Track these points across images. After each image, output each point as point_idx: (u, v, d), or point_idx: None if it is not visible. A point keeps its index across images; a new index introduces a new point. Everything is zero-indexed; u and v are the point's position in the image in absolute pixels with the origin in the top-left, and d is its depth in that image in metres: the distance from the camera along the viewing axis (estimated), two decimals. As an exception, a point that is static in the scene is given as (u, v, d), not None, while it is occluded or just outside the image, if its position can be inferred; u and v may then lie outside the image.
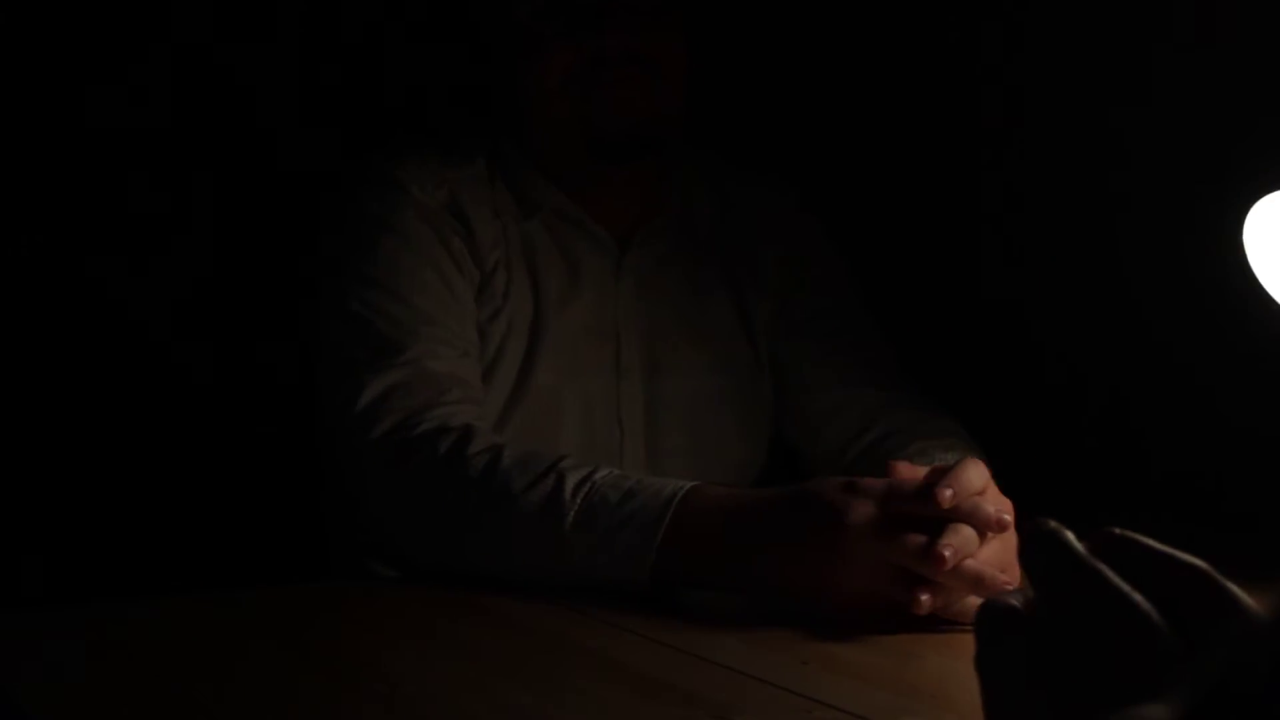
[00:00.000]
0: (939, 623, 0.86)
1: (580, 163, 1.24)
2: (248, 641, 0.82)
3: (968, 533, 0.85)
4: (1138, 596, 0.42)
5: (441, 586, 0.99)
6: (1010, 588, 0.84)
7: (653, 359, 1.27)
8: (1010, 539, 0.88)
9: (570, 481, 0.94)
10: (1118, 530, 0.45)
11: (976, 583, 0.84)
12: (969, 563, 0.84)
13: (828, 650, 0.81)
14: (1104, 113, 1.34)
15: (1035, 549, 0.46)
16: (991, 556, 0.86)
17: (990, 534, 0.87)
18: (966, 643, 0.85)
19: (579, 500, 0.92)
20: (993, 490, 0.89)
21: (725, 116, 1.65)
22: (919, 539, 0.84)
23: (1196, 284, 1.21)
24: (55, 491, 1.50)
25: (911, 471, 0.91)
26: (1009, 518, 0.87)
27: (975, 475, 0.88)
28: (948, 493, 0.85)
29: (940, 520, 0.85)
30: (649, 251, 1.29)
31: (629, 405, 1.25)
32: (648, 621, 0.85)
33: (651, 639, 0.82)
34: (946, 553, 0.83)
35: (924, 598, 0.84)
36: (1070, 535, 0.46)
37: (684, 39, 1.24)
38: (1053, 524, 0.47)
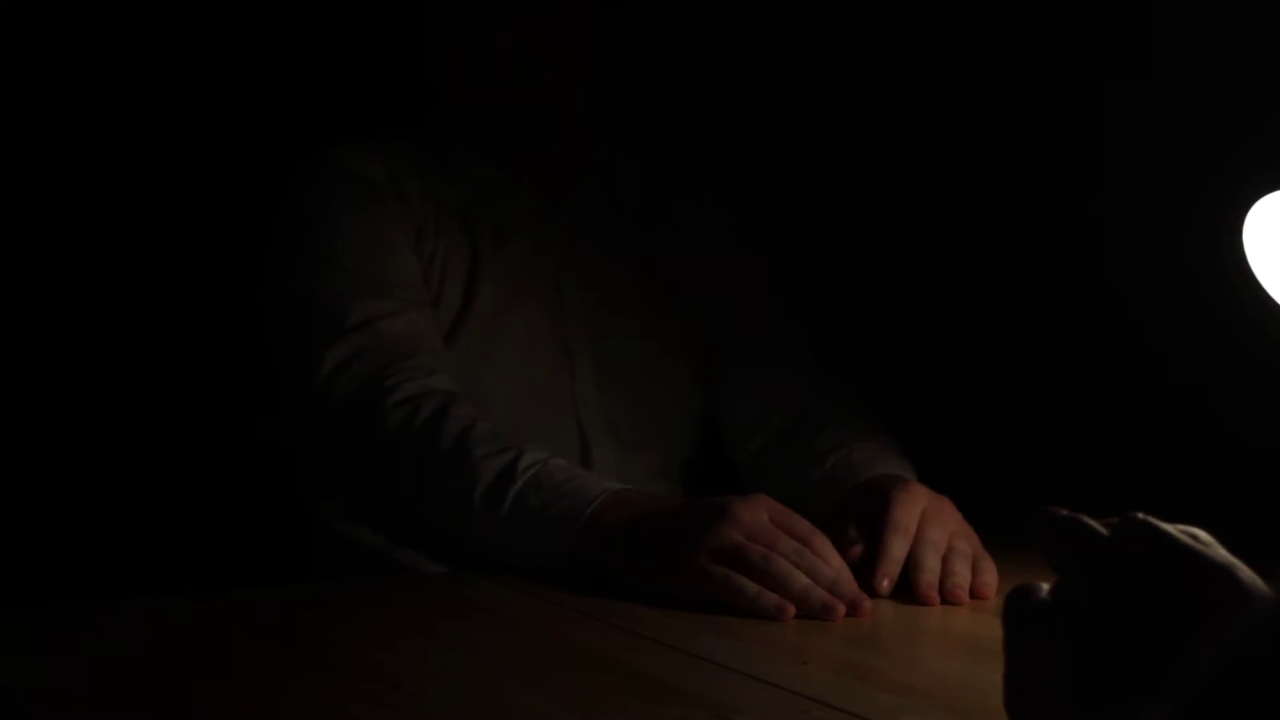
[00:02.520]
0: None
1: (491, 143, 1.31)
2: (247, 641, 0.82)
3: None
4: (1164, 585, 0.42)
5: (441, 586, 0.99)
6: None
7: (595, 301, 1.32)
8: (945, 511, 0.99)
9: (527, 458, 1.02)
10: (1141, 515, 0.45)
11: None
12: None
13: (828, 650, 0.81)
14: (1103, 112, 1.34)
15: (1055, 536, 0.46)
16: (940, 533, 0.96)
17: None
18: (966, 643, 0.85)
19: (529, 474, 1.00)
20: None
21: (690, 117, 1.67)
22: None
23: (1196, 284, 1.22)
24: (55, 492, 1.50)
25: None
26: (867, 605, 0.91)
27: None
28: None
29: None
30: (578, 213, 1.35)
31: (574, 332, 1.30)
32: (648, 621, 0.86)
33: (651, 639, 0.82)
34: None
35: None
36: (1091, 521, 0.46)
37: (582, 33, 1.30)
38: (1065, 511, 0.47)
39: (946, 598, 0.92)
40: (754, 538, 0.91)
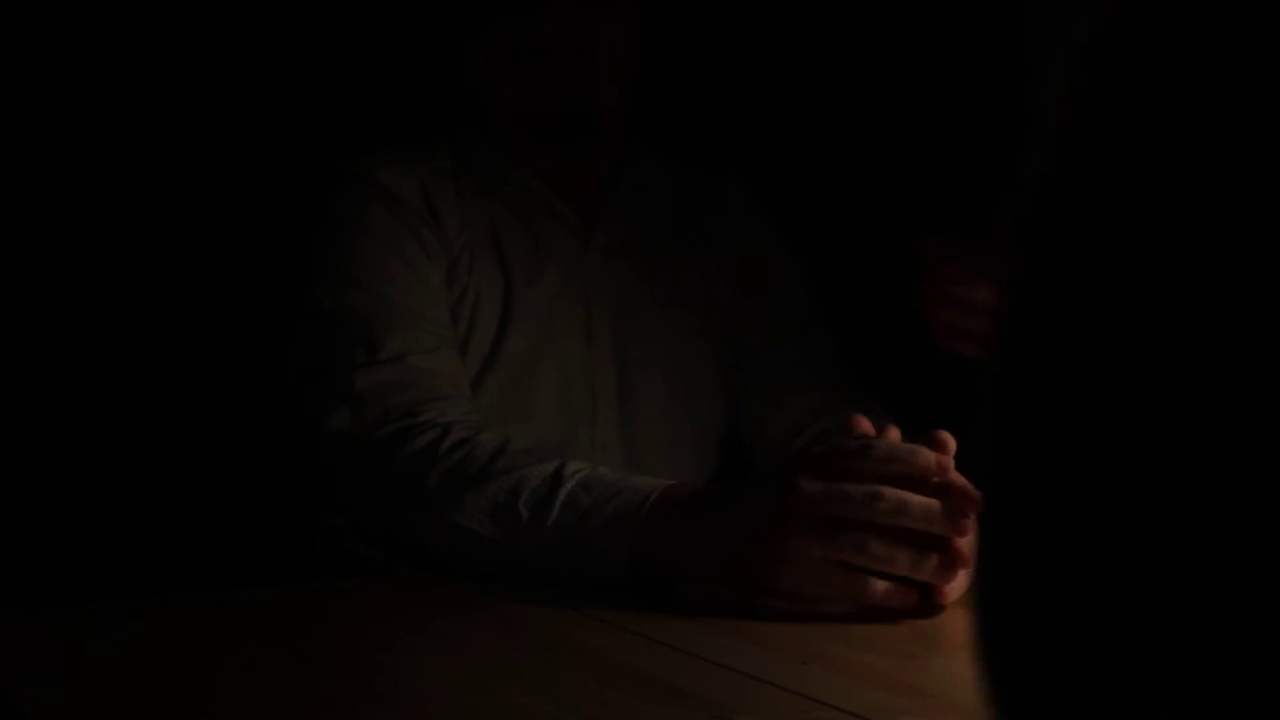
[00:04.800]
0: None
1: (527, 142, 1.26)
2: (248, 641, 0.82)
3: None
4: None
5: (441, 586, 0.99)
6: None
7: (623, 327, 1.29)
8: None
9: (574, 463, 0.98)
10: None
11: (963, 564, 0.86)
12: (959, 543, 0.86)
13: (828, 650, 0.81)
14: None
15: None
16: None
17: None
18: (966, 643, 0.85)
19: (578, 476, 0.96)
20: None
21: (702, 117, 1.66)
22: (865, 539, 0.85)
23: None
24: (55, 492, 1.50)
25: (867, 425, 0.94)
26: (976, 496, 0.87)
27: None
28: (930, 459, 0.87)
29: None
30: (614, 225, 1.31)
31: (601, 371, 1.27)
32: (648, 621, 0.85)
33: (651, 639, 0.82)
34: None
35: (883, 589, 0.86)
36: None
37: (627, 25, 1.25)
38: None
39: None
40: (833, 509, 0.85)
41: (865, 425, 0.95)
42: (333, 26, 1.63)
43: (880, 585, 0.86)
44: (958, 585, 0.88)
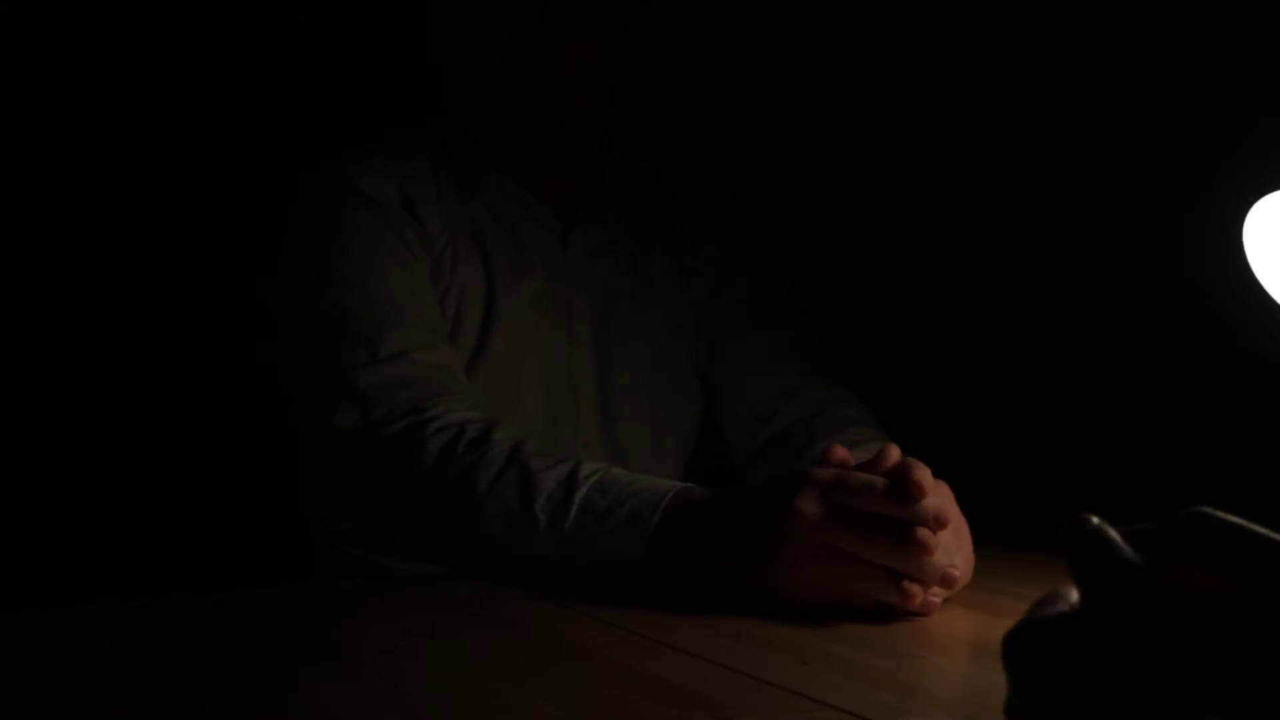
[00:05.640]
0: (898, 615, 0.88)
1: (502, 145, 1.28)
2: (247, 641, 0.82)
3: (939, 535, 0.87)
4: (1183, 609, 0.41)
5: (441, 586, 0.99)
6: (958, 574, 0.88)
7: (603, 327, 1.31)
8: (961, 527, 0.91)
9: (588, 465, 0.98)
10: (1179, 516, 0.44)
11: (944, 580, 0.87)
12: (938, 559, 0.86)
13: (828, 650, 0.81)
14: (1104, 113, 1.34)
15: (1078, 548, 0.45)
16: (948, 544, 0.88)
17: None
18: (967, 643, 0.85)
19: (593, 479, 0.96)
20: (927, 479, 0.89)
21: (687, 112, 1.67)
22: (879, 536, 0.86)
23: (1196, 284, 1.22)
24: (55, 492, 1.50)
25: (845, 454, 0.92)
26: (946, 517, 0.87)
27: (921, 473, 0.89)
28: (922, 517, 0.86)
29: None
30: (593, 226, 1.33)
31: (582, 372, 1.29)
32: (648, 621, 0.85)
33: (651, 639, 0.82)
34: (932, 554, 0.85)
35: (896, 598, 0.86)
36: (1113, 533, 0.45)
37: (600, 33, 1.28)
38: (1094, 521, 0.46)
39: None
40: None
41: (895, 455, 0.92)
42: (323, 29, 1.63)
43: (875, 602, 0.88)
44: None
